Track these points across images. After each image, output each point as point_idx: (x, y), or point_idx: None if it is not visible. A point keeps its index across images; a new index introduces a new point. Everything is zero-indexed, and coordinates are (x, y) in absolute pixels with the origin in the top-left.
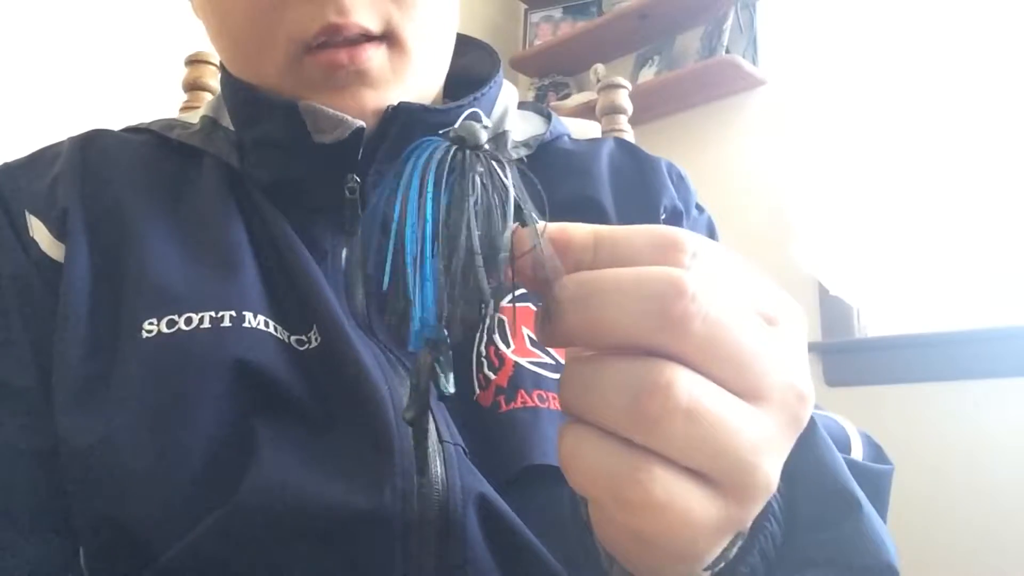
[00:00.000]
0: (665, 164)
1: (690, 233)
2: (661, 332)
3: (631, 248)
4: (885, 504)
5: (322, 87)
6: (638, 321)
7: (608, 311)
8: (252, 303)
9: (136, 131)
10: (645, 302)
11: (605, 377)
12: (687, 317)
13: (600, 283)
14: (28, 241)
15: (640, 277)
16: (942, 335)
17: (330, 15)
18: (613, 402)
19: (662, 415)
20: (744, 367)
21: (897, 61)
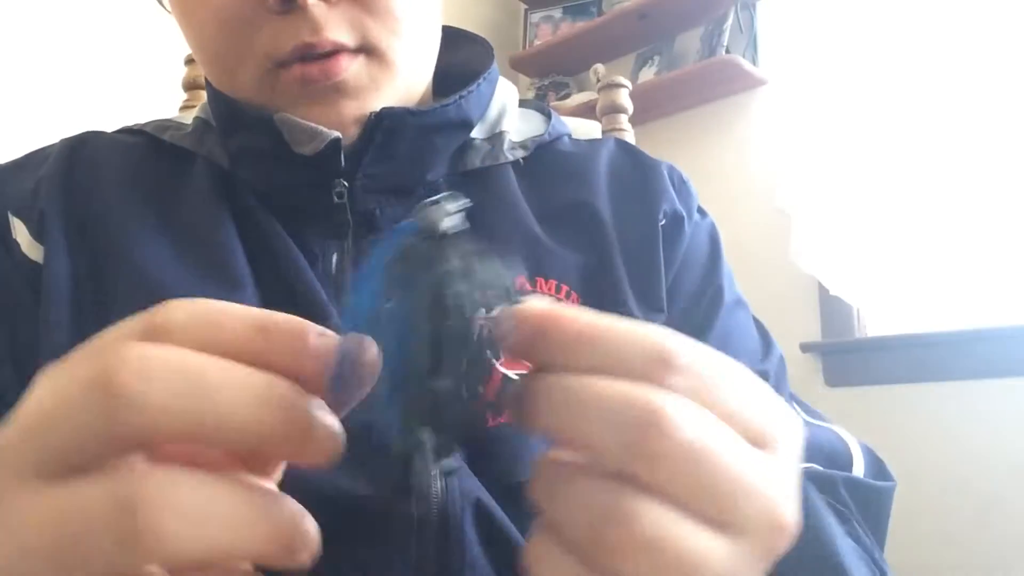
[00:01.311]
0: (666, 167)
1: (686, 345)
2: (633, 462)
3: (620, 355)
4: (886, 521)
5: (298, 100)
6: (612, 446)
7: (583, 426)
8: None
9: (130, 132)
10: (622, 429)
11: (571, 492)
12: (662, 453)
13: (577, 394)
14: (10, 242)
15: (622, 399)
16: (942, 335)
17: (304, 34)
18: (575, 520)
19: (620, 547)
20: (718, 498)
21: (897, 61)
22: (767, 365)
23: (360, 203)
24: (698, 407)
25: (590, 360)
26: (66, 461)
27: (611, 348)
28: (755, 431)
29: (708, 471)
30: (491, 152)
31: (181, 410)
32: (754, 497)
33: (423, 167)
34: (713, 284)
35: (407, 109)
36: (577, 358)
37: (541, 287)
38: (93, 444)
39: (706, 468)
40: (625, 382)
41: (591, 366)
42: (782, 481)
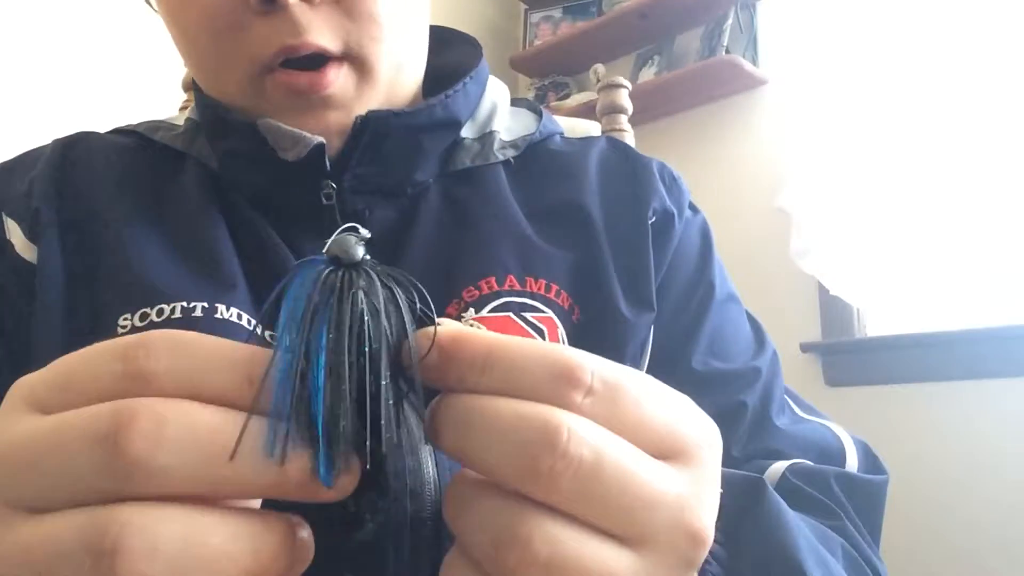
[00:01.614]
0: (657, 165)
1: (595, 362)
2: (529, 482)
3: (525, 374)
4: (880, 514)
5: (284, 108)
6: (507, 467)
7: (480, 447)
8: (227, 297)
9: (123, 133)
10: (516, 449)
11: (475, 512)
12: (555, 473)
13: (477, 416)
14: (4, 243)
15: (517, 421)
16: (942, 335)
17: (286, 37)
18: (479, 541)
19: (520, 568)
20: (618, 512)
21: (898, 61)
22: (759, 361)
23: (349, 204)
24: (595, 425)
25: (495, 381)
26: (55, 500)
27: (515, 368)
28: (664, 444)
29: (605, 487)
30: (481, 152)
31: (190, 475)
32: (658, 509)
33: (411, 167)
34: (704, 280)
35: (392, 111)
36: (483, 379)
37: (531, 286)
38: (91, 494)
39: (603, 484)
40: (524, 402)
41: (496, 387)
42: (692, 491)
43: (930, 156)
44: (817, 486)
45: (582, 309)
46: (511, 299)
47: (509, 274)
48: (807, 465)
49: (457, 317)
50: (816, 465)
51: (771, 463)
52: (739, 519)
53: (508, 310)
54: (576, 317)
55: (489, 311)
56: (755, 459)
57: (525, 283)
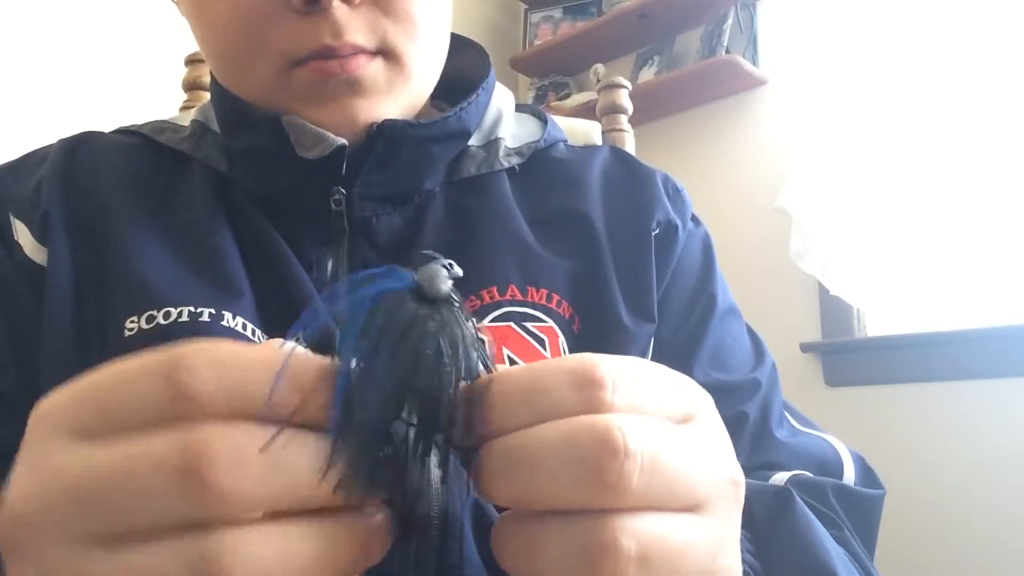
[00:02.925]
0: (660, 176)
1: (603, 360)
2: (600, 495)
3: (549, 395)
4: (875, 528)
5: (312, 98)
6: (574, 487)
7: (540, 479)
8: (233, 305)
9: (127, 133)
10: (578, 467)
11: (548, 542)
12: (624, 475)
13: (527, 451)
14: (12, 245)
15: (568, 439)
16: (942, 335)
17: (325, 37)
18: (562, 567)
19: (616, 572)
20: (681, 486)
21: (898, 60)
22: (759, 373)
23: (356, 211)
24: (636, 416)
25: (529, 414)
26: (137, 533)
27: (542, 392)
28: (680, 412)
29: (668, 469)
30: (486, 160)
31: (275, 496)
32: (707, 468)
33: (420, 177)
34: (706, 292)
35: (407, 122)
36: (519, 418)
37: (532, 296)
38: (167, 523)
39: (667, 468)
40: (563, 421)
41: (532, 419)
42: (717, 443)
43: (930, 156)
44: (816, 497)
45: (582, 319)
46: (512, 309)
47: (511, 283)
48: (807, 477)
49: None
50: (814, 477)
51: (772, 474)
52: (771, 529)
53: (509, 320)
54: (577, 327)
55: (490, 321)
56: (756, 470)
57: (527, 292)
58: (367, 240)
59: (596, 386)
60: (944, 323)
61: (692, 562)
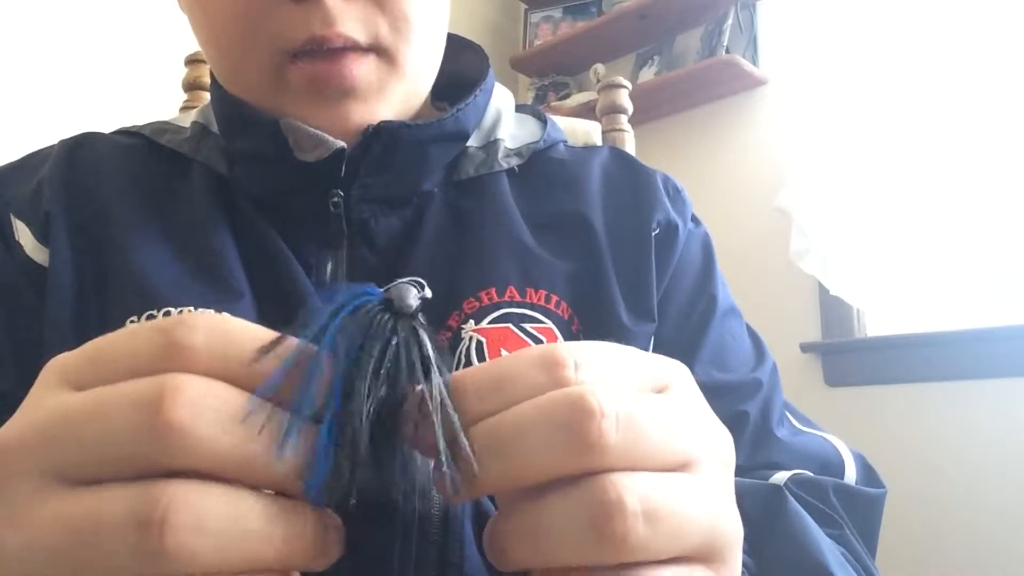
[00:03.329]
0: (660, 177)
1: (564, 344)
2: (583, 457)
3: (517, 381)
4: (876, 527)
5: (305, 99)
6: (558, 453)
7: (525, 452)
8: (233, 306)
9: (128, 134)
10: (558, 433)
11: (551, 520)
12: (603, 434)
13: (507, 426)
14: (13, 245)
15: (543, 409)
16: (942, 335)
17: (316, 26)
18: (572, 540)
19: (626, 530)
20: (663, 445)
21: (898, 60)
22: (760, 373)
23: (355, 213)
24: (603, 384)
25: (497, 402)
26: (94, 472)
27: (506, 381)
28: (652, 382)
29: (647, 431)
30: (485, 161)
31: (225, 452)
32: (687, 428)
33: (418, 178)
34: (707, 292)
35: (404, 123)
36: (492, 405)
37: (531, 297)
38: (129, 465)
39: (644, 430)
40: (536, 398)
41: (504, 405)
42: (693, 406)
43: (930, 156)
44: (816, 496)
45: (581, 319)
46: (511, 310)
47: (509, 285)
48: (807, 476)
49: (458, 328)
50: (816, 476)
51: (773, 473)
52: (764, 527)
53: (508, 321)
54: (575, 327)
55: (489, 322)
56: (757, 470)
57: (525, 293)
58: (366, 242)
59: (560, 366)
60: (944, 323)
61: (696, 519)
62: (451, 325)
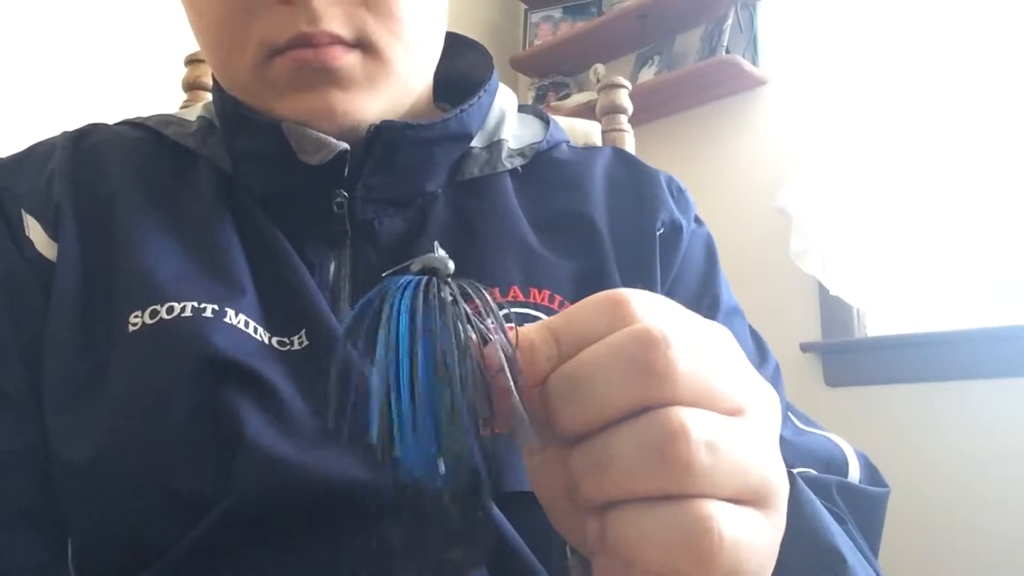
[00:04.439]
0: (664, 177)
1: (625, 289)
2: (652, 387)
3: (586, 325)
4: (879, 527)
5: (289, 88)
6: (628, 386)
7: (598, 389)
8: (236, 303)
9: (132, 125)
10: (628, 367)
11: (619, 448)
12: (670, 363)
13: (579, 368)
14: (23, 241)
15: (612, 346)
16: (942, 335)
17: (301, 24)
18: (639, 466)
19: (690, 455)
20: (726, 390)
21: (898, 60)
22: (763, 373)
23: (359, 213)
24: (670, 320)
25: (573, 342)
26: None
27: (579, 324)
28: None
29: (709, 368)
30: (489, 161)
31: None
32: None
33: (422, 179)
34: (710, 293)
35: (407, 123)
36: (562, 350)
37: (534, 297)
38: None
39: (707, 366)
40: (606, 338)
41: (573, 349)
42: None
43: (930, 156)
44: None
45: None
46: (514, 310)
47: (513, 285)
48: (811, 474)
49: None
50: (819, 475)
51: None
52: None
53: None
54: None
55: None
56: None
57: (528, 293)
58: (370, 242)
59: (623, 306)
60: (944, 323)
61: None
62: None
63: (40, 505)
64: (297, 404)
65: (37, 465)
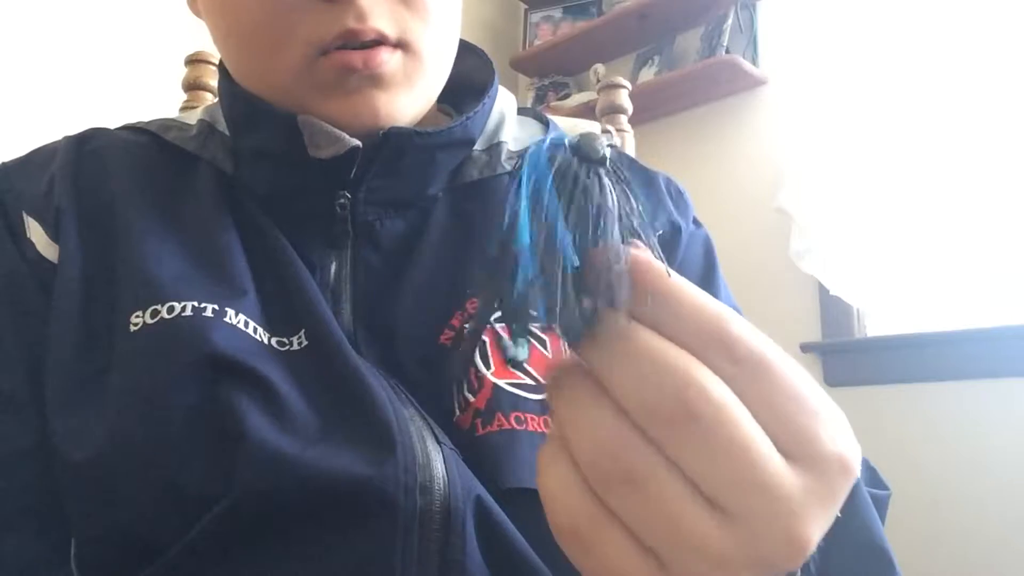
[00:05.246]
0: (663, 179)
1: (749, 333)
2: (655, 421)
3: (683, 324)
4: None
5: (334, 90)
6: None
7: (625, 376)
8: (235, 303)
9: (133, 130)
10: (652, 389)
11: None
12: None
13: (627, 344)
14: (25, 242)
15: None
16: (942, 335)
17: (349, 21)
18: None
19: (620, 483)
20: (727, 482)
21: (898, 60)
22: None
23: (360, 214)
24: (725, 387)
25: (658, 319)
26: None
27: (679, 316)
28: (794, 442)
29: (715, 446)
30: (488, 164)
31: None
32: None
33: (425, 183)
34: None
35: (414, 130)
36: (648, 311)
37: None
38: None
39: (715, 443)
40: (671, 350)
41: (655, 323)
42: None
43: (930, 156)
44: None
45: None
46: None
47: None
48: None
49: (460, 328)
50: None
51: None
52: None
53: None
54: None
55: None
56: None
57: None
58: (371, 243)
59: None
60: (944, 323)
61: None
62: (454, 324)
63: (43, 504)
64: (297, 403)
65: (39, 465)
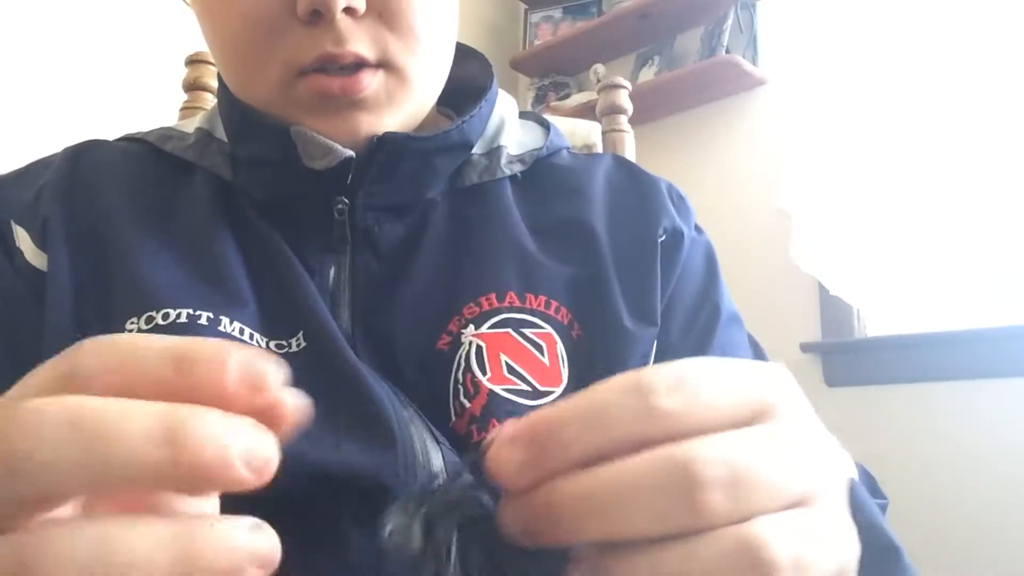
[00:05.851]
0: (665, 185)
1: (655, 366)
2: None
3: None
4: None
5: (314, 111)
6: (661, 519)
7: (626, 516)
8: (232, 311)
9: (132, 140)
10: (663, 501)
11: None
12: (709, 503)
13: (607, 489)
14: (13, 250)
15: (647, 475)
16: (942, 335)
17: (327, 45)
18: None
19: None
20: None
21: (898, 60)
22: None
23: (359, 219)
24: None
25: (598, 440)
26: None
27: (603, 415)
28: (757, 404)
29: (757, 479)
30: (488, 168)
31: (76, 464)
32: (799, 465)
33: (423, 187)
34: (710, 300)
35: (408, 134)
36: (589, 447)
37: (531, 303)
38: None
39: (755, 477)
40: (638, 454)
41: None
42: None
43: (930, 156)
44: None
45: (582, 325)
46: (511, 315)
47: (509, 291)
48: None
49: (458, 333)
50: None
51: None
52: None
53: (507, 326)
54: (576, 333)
55: (489, 327)
56: None
57: (525, 299)
58: (369, 248)
59: (654, 394)
60: (944, 323)
61: (820, 555)
62: (451, 330)
63: None
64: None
65: None
